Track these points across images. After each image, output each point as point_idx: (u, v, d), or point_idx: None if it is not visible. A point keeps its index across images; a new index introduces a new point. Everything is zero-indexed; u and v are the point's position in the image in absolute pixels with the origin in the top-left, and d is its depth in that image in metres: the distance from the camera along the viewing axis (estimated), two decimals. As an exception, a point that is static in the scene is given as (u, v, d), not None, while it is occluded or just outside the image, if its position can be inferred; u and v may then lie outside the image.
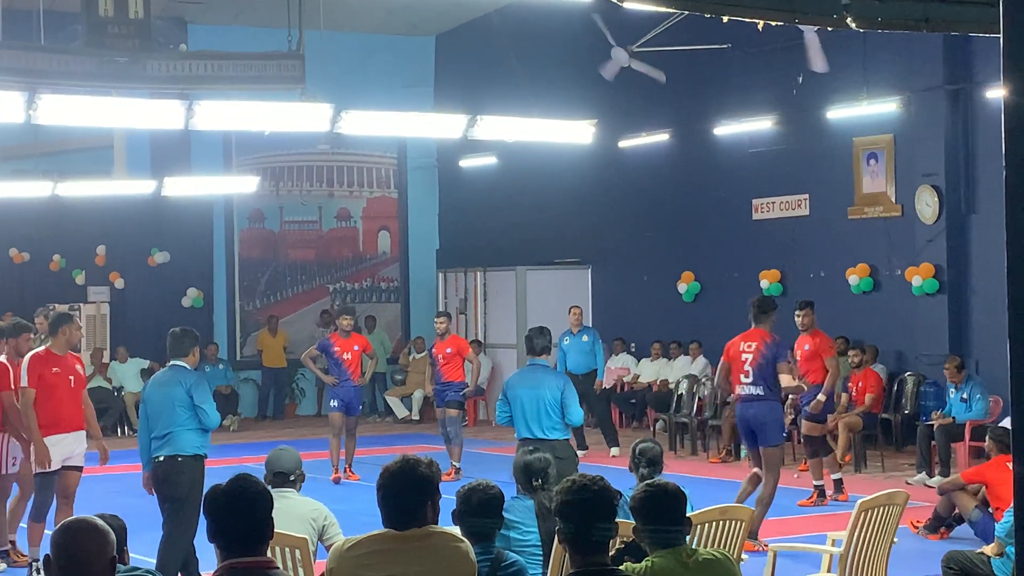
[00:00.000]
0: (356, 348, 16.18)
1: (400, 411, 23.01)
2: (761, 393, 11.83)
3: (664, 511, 5.28)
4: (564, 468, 9.72)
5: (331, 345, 16.10)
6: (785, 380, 12.03)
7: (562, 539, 4.86)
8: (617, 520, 5.01)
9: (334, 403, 16.02)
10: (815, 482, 13.91)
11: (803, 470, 15.15)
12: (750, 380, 11.88)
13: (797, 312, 14.06)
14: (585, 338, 17.94)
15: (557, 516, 4.94)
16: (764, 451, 11.79)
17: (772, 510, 11.84)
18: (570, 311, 18.36)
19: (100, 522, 4.53)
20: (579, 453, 17.37)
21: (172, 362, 10.11)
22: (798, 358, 13.84)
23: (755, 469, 11.85)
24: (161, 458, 9.82)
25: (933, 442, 15.04)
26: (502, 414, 10.70)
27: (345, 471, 15.85)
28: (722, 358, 12.24)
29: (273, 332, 23.97)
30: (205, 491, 4.84)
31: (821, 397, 13.62)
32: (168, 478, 9.74)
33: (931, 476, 14.82)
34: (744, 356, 11.94)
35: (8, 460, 11.20)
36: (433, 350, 16.38)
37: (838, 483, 13.98)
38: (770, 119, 19.27)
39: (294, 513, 7.60)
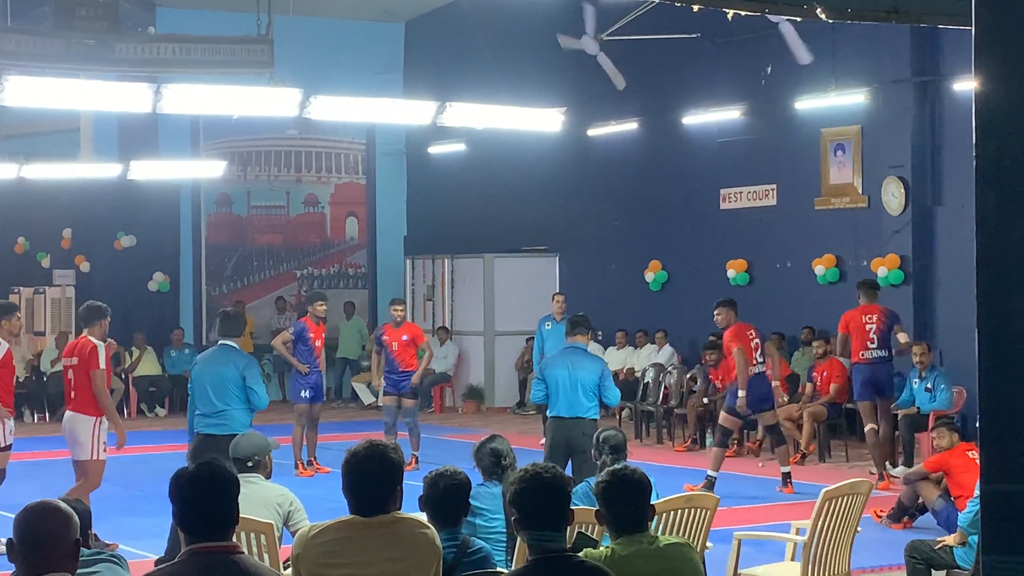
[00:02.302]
0: (325, 336, 16.03)
1: (367, 397, 22.97)
2: (885, 355, 14.72)
3: (628, 497, 5.30)
4: (586, 445, 10.32)
5: (306, 330, 15.71)
6: (903, 338, 14.76)
7: (517, 527, 4.87)
8: (572, 507, 5.02)
9: (305, 393, 15.51)
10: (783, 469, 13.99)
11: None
12: (875, 345, 14.63)
13: (715, 311, 14.21)
14: None
15: (512, 505, 4.94)
16: (882, 403, 14.62)
17: (736, 499, 11.90)
18: (553, 298, 18.33)
19: (63, 505, 4.52)
20: (543, 441, 17.48)
21: (222, 342, 10.26)
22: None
23: (871, 425, 14.46)
24: (211, 436, 10.00)
25: (897, 432, 15.12)
26: (537, 392, 11.28)
27: (311, 463, 15.61)
28: (840, 330, 14.96)
29: (240, 317, 23.87)
30: (171, 475, 4.82)
31: (741, 394, 13.67)
32: (226, 454, 9.83)
33: (894, 466, 14.90)
34: (868, 327, 14.64)
35: (100, 445, 10.99)
36: (385, 337, 15.88)
37: (786, 476, 13.95)
38: (738, 109, 19.31)
39: (259, 499, 7.58)
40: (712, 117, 19.63)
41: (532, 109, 16.03)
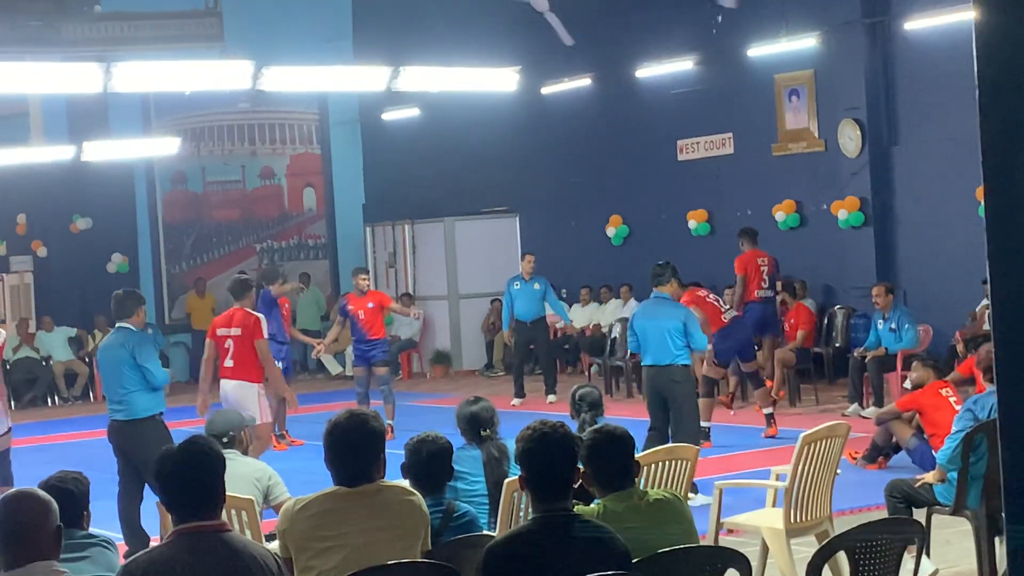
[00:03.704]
0: (287, 307, 15.98)
1: (334, 367, 22.89)
2: (772, 295, 16.87)
3: (614, 455, 5.29)
4: (676, 391, 11.00)
5: (276, 304, 15.63)
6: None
7: (523, 485, 4.86)
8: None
9: (279, 365, 15.51)
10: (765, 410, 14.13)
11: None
12: (767, 286, 16.68)
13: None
14: (537, 286, 17.86)
15: (519, 463, 4.94)
16: (770, 339, 16.77)
17: (715, 449, 11.97)
18: (523, 257, 18.35)
19: (41, 492, 4.50)
20: (516, 401, 17.50)
21: (118, 324, 10.13)
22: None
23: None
24: (119, 422, 9.99)
25: (865, 373, 15.20)
26: (631, 343, 11.69)
27: (284, 436, 15.53)
28: (738, 272, 16.64)
29: (201, 294, 23.77)
30: (156, 456, 4.78)
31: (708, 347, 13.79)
32: (131, 442, 9.93)
33: (864, 407, 15.00)
34: (761, 268, 16.61)
35: (266, 409, 11.97)
36: (350, 307, 15.69)
37: (769, 417, 14.09)
38: (691, 59, 19.29)
39: (238, 474, 7.54)
40: (665, 69, 19.60)
41: (486, 69, 15.92)
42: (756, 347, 14.56)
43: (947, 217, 16.75)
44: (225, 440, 7.81)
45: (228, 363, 11.87)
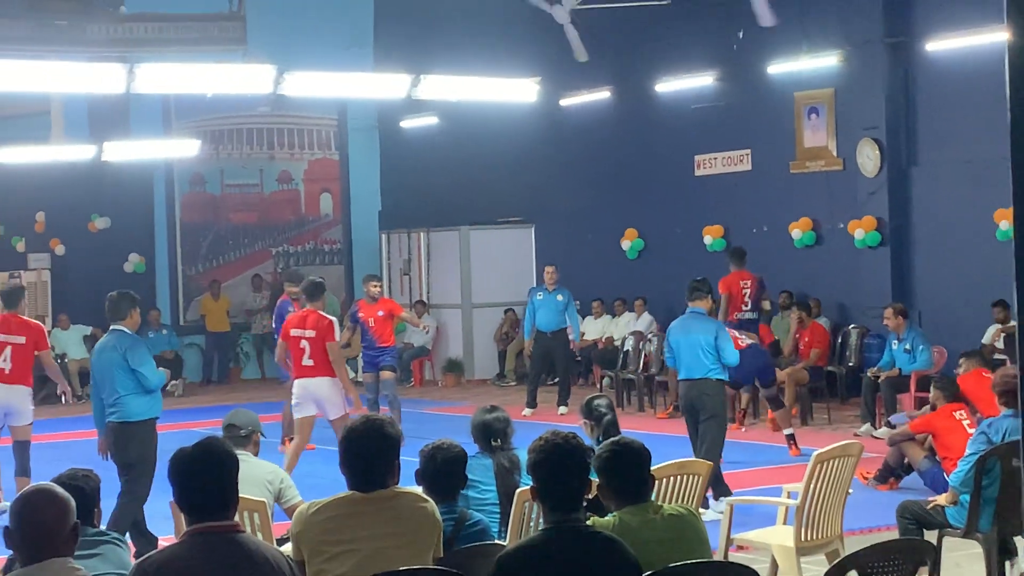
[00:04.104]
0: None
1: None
2: (755, 317, 17.22)
3: (630, 468, 5.29)
4: (706, 403, 11.23)
5: (289, 307, 15.62)
6: (766, 305, 17.18)
7: (535, 495, 4.87)
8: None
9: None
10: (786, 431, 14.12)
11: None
12: (748, 308, 17.04)
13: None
14: (560, 297, 17.87)
15: (530, 473, 4.94)
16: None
17: (725, 466, 11.96)
18: (545, 269, 18.37)
19: (60, 490, 4.50)
20: (527, 411, 17.51)
21: (112, 327, 10.12)
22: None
23: None
24: (113, 424, 9.99)
25: (878, 393, 15.18)
26: (668, 357, 11.94)
27: (284, 442, 15.44)
28: (721, 292, 16.70)
29: (216, 296, 23.83)
30: (171, 456, 4.79)
31: None
32: (119, 444, 9.95)
33: (876, 428, 14.97)
34: (744, 291, 17.06)
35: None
36: (360, 314, 15.64)
37: (790, 438, 14.06)
38: (711, 75, 19.30)
39: (250, 476, 7.56)
40: (685, 84, 19.60)
41: (506, 80, 15.95)
42: (773, 373, 14.49)
43: (964, 239, 16.73)
44: (243, 433, 7.84)
45: (308, 362, 12.57)
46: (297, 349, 12.62)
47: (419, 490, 5.90)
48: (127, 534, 9.71)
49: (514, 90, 15.80)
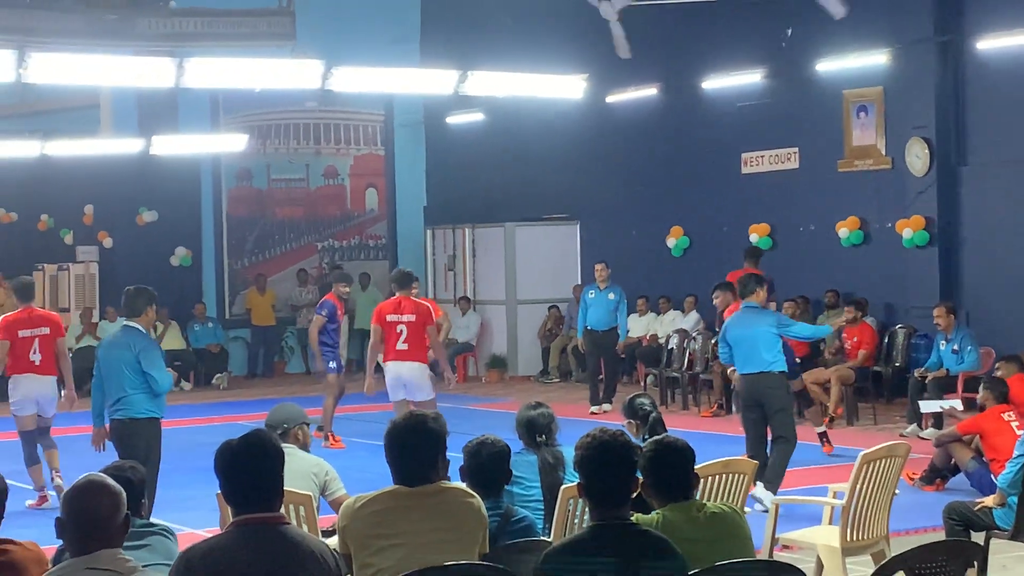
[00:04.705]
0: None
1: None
2: None
3: (674, 467, 5.28)
4: (772, 396, 11.22)
5: (336, 310, 15.54)
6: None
7: (581, 492, 4.86)
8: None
9: (334, 364, 15.50)
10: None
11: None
12: None
13: (713, 295, 14.50)
14: (612, 295, 17.85)
15: (577, 469, 4.94)
16: None
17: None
18: (595, 267, 18.35)
19: (113, 483, 4.52)
20: (595, 408, 17.46)
21: (125, 323, 10.03)
22: None
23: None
24: (118, 420, 9.92)
25: (925, 394, 15.08)
26: (723, 354, 11.79)
27: (329, 437, 15.47)
28: None
29: (261, 290, 23.94)
30: (217, 448, 4.81)
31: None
32: (124, 441, 9.87)
33: (922, 428, 14.87)
34: None
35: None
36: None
37: (822, 435, 14.00)
38: (759, 72, 19.20)
39: (296, 469, 7.60)
40: (732, 81, 19.51)
41: (553, 76, 15.94)
42: (799, 366, 14.40)
43: (1013, 239, 16.59)
44: (278, 432, 7.86)
45: (402, 346, 13.23)
46: (393, 334, 13.26)
47: (464, 486, 5.90)
48: None
49: (561, 86, 15.79)
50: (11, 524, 5.59)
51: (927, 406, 14.28)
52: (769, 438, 11.38)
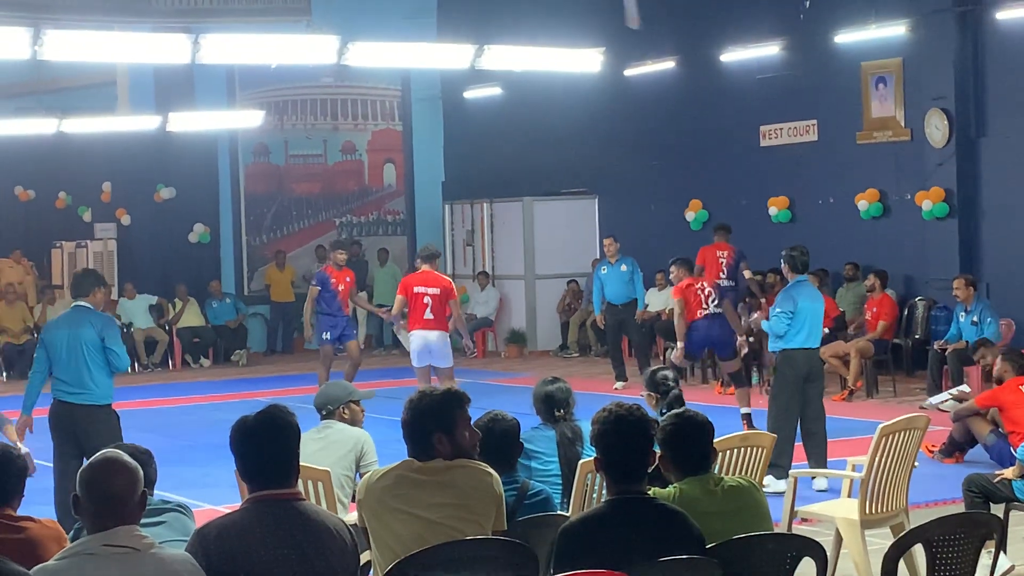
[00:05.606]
0: (348, 280, 16.21)
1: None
2: (732, 285, 17.14)
3: (693, 441, 5.28)
4: (820, 373, 11.22)
5: (328, 278, 15.91)
6: (748, 273, 17.45)
7: (599, 467, 4.85)
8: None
9: (326, 335, 15.88)
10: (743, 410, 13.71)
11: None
12: (725, 276, 17.10)
13: (670, 268, 14.52)
14: (624, 267, 17.76)
15: (594, 444, 4.93)
16: None
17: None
18: (604, 242, 18.31)
19: (130, 460, 4.52)
20: (619, 384, 17.40)
21: (76, 303, 9.79)
22: None
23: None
24: (79, 407, 9.53)
25: (945, 366, 15.03)
26: (782, 324, 10.94)
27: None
28: (697, 263, 16.21)
29: (280, 267, 23.96)
30: (232, 425, 4.80)
31: (679, 346, 14.14)
32: (85, 429, 9.44)
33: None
34: (720, 260, 17.32)
35: None
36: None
37: (745, 417, 13.52)
38: (777, 44, 19.09)
39: (335, 440, 7.75)
40: (750, 53, 19.41)
41: (570, 50, 15.86)
42: (732, 348, 14.14)
43: (1033, 211, 16.51)
44: (324, 413, 7.98)
45: (428, 316, 14.13)
46: (420, 304, 14.12)
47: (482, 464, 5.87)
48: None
49: (578, 60, 15.69)
50: (30, 502, 5.62)
51: (936, 399, 14.26)
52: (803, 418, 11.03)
